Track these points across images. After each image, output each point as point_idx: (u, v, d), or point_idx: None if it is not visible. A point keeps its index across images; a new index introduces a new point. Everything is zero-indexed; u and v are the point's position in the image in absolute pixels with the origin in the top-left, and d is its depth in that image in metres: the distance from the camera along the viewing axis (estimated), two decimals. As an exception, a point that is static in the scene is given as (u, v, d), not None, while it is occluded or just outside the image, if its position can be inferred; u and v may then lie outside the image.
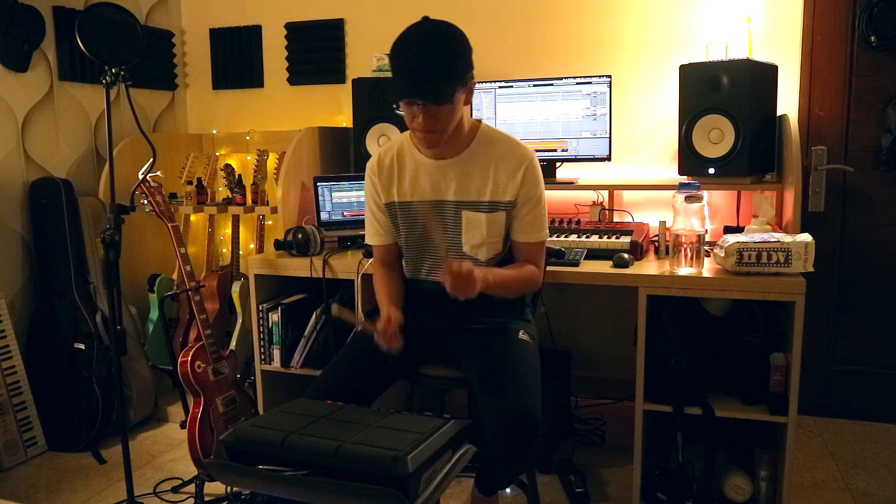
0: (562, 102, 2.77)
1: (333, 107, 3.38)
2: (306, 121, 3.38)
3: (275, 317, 2.56)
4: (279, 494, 1.38)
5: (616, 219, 2.81)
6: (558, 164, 2.85)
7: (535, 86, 2.80)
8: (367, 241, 2.07)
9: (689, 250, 2.09)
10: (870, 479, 2.46)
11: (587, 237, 2.40)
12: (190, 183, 3.10)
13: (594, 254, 2.32)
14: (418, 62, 1.68)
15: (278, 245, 2.57)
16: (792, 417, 2.04)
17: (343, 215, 2.80)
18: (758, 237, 2.05)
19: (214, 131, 3.53)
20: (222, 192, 3.20)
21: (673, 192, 2.11)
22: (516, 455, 1.68)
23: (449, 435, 1.38)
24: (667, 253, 2.28)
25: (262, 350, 2.60)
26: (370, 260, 2.24)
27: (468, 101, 1.82)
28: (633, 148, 2.97)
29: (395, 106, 1.78)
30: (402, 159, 1.94)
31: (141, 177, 2.32)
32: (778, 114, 2.57)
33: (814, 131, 2.80)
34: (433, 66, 1.68)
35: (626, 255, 2.21)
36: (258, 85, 3.51)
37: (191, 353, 2.43)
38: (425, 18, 1.76)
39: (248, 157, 3.38)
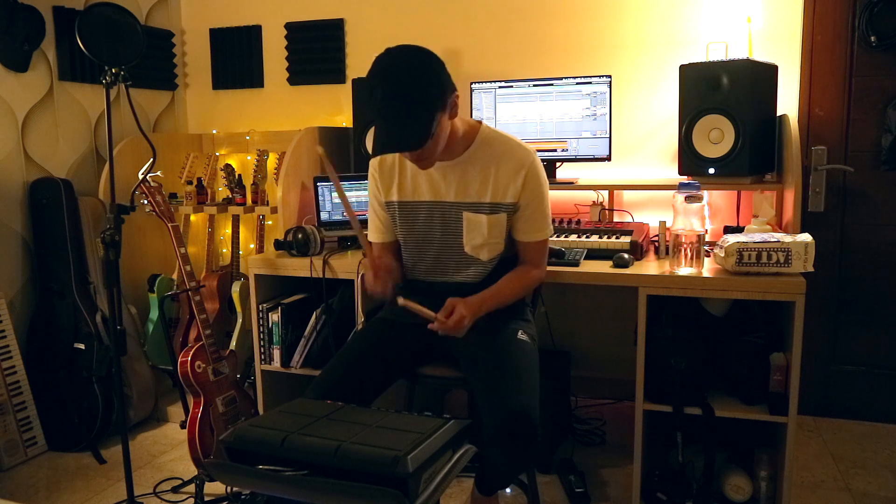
0: (562, 102, 2.77)
1: (333, 107, 3.38)
2: (306, 121, 3.38)
3: (275, 317, 2.56)
4: (279, 494, 1.38)
5: (616, 219, 2.81)
6: (558, 164, 2.85)
7: (535, 86, 2.80)
8: (370, 237, 2.07)
9: (689, 250, 2.09)
10: (870, 479, 2.46)
11: (587, 237, 2.40)
12: (190, 183, 3.10)
13: (594, 254, 2.32)
14: (389, 111, 1.65)
15: (278, 245, 2.57)
16: (792, 417, 2.04)
17: (343, 215, 2.80)
18: (758, 237, 2.05)
19: (214, 131, 3.53)
20: (222, 192, 3.20)
21: (673, 192, 2.11)
22: (516, 455, 1.68)
23: (449, 435, 1.38)
24: (667, 253, 2.28)
25: (262, 350, 2.60)
26: (370, 260, 2.24)
27: (454, 115, 1.78)
28: (633, 148, 2.97)
29: None
30: (404, 160, 1.93)
31: (141, 177, 2.32)
32: (778, 114, 2.57)
33: (814, 131, 2.80)
34: (404, 114, 1.65)
35: (626, 255, 2.21)
36: (258, 85, 3.51)
37: (191, 353, 2.43)
38: (387, 52, 1.69)
39: (248, 157, 3.38)
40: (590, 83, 2.73)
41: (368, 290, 1.88)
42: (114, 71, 2.12)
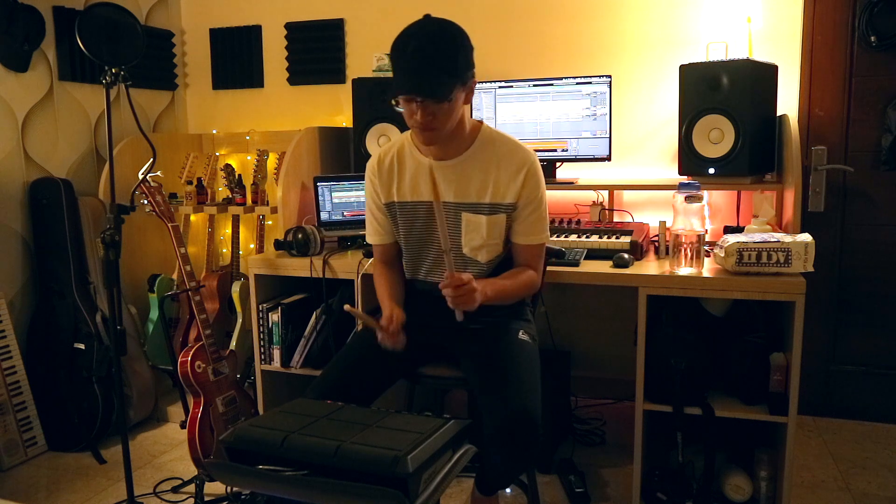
0: (562, 102, 2.77)
1: (333, 107, 3.38)
2: (306, 121, 3.38)
3: (275, 317, 2.56)
4: (279, 494, 1.38)
5: (616, 219, 2.81)
6: (558, 164, 2.85)
7: (535, 86, 2.80)
8: (368, 239, 2.07)
9: (689, 250, 2.09)
10: (870, 479, 2.46)
11: (587, 237, 2.40)
12: (190, 183, 3.10)
13: (594, 254, 2.32)
14: (418, 58, 1.68)
15: (278, 245, 2.57)
16: (792, 417, 2.04)
17: (343, 215, 2.80)
18: (758, 237, 2.05)
19: (214, 131, 3.53)
20: (222, 192, 3.20)
21: (673, 192, 2.11)
22: (516, 455, 1.67)
23: (449, 435, 1.38)
24: (667, 253, 2.28)
25: (262, 350, 2.60)
26: (370, 260, 2.24)
27: (468, 101, 1.81)
28: (633, 148, 2.97)
29: (394, 102, 1.78)
30: (403, 160, 1.93)
31: (141, 177, 2.32)
32: (778, 114, 2.57)
33: (814, 131, 2.80)
34: (433, 63, 1.68)
35: (626, 255, 2.21)
36: (258, 85, 3.51)
37: (191, 353, 2.43)
38: (427, 16, 1.75)
39: (248, 157, 3.38)
40: (590, 83, 2.73)
41: (387, 347, 1.84)
42: (114, 71, 2.12)
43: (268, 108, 3.52)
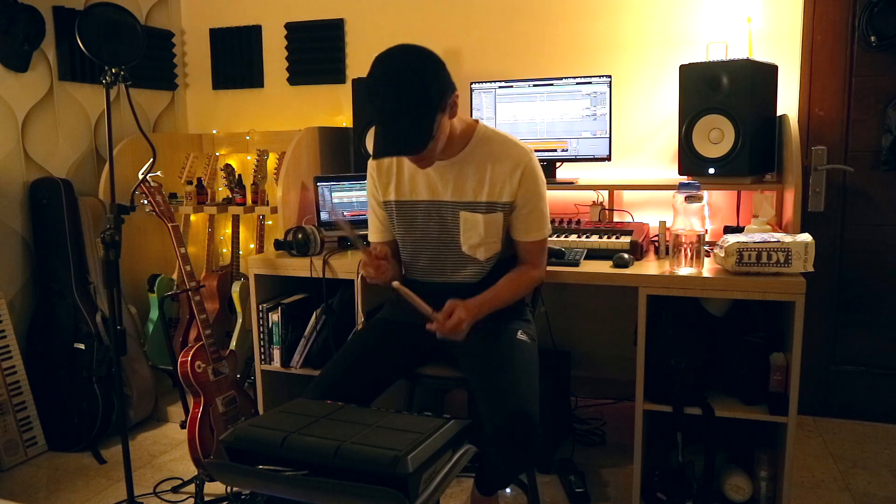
0: (562, 102, 2.77)
1: (333, 107, 3.38)
2: (306, 121, 3.38)
3: (275, 317, 2.56)
4: (279, 494, 1.38)
5: (616, 219, 2.81)
6: (558, 164, 2.85)
7: (535, 86, 2.80)
8: (370, 237, 2.08)
9: (689, 250, 2.09)
10: (870, 479, 2.46)
11: (587, 237, 2.40)
12: (190, 183, 3.10)
13: (594, 254, 2.32)
14: (388, 116, 1.67)
15: (278, 245, 2.57)
16: (792, 417, 2.04)
17: (343, 215, 2.80)
18: (758, 237, 2.05)
19: (214, 131, 3.53)
20: (222, 192, 3.20)
21: (673, 192, 2.11)
22: (515, 456, 1.68)
23: (449, 435, 1.38)
24: (667, 253, 2.28)
25: (262, 350, 2.60)
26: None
27: (453, 115, 1.78)
28: (633, 148, 2.97)
29: None
30: (402, 159, 1.94)
31: (141, 177, 2.32)
32: (778, 114, 2.57)
33: (814, 131, 2.80)
34: (402, 120, 1.67)
35: (626, 255, 2.21)
36: (258, 85, 3.51)
37: (191, 353, 2.43)
38: (387, 53, 1.70)
39: (248, 157, 3.38)
40: (590, 83, 2.73)
41: (370, 279, 1.88)
42: (114, 71, 2.12)
43: (268, 108, 3.52)
